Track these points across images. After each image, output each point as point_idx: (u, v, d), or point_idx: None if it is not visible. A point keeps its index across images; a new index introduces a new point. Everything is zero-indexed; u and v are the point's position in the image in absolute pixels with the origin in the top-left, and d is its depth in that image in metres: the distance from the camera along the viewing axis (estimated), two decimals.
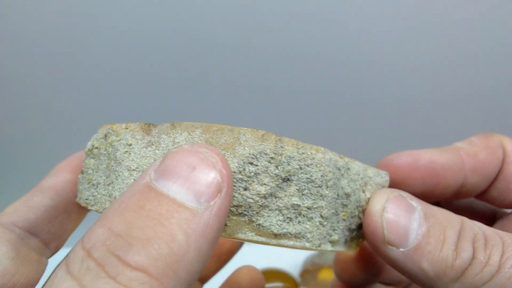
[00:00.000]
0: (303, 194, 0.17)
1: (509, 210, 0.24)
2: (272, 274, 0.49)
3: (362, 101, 0.50)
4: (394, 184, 0.22)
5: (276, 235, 0.17)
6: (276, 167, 0.17)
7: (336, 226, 0.18)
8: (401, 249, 0.18)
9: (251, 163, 0.16)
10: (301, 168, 0.17)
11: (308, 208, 0.17)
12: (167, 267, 0.12)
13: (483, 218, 0.24)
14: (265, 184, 0.16)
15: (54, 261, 0.20)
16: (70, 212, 0.21)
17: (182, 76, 0.47)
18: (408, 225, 0.18)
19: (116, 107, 0.49)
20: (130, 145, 0.17)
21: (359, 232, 0.20)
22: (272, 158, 0.17)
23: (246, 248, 0.29)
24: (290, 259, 0.51)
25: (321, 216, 0.17)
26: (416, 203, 0.19)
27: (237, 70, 0.47)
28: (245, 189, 0.16)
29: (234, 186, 0.16)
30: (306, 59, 0.46)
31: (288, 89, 0.48)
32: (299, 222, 0.17)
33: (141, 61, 0.45)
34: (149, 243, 0.12)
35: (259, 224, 0.17)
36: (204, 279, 0.28)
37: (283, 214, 0.17)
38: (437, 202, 0.25)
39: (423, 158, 0.21)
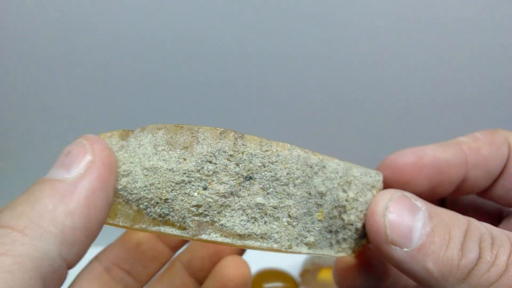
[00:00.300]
0: (268, 193, 0.16)
1: None
2: (272, 274, 0.49)
3: (363, 101, 0.49)
4: (399, 183, 0.21)
5: (241, 236, 0.16)
6: (237, 165, 0.16)
7: (311, 227, 0.18)
8: (405, 249, 0.17)
9: (210, 162, 0.16)
10: (264, 166, 0.16)
11: (274, 207, 0.17)
12: (29, 221, 0.14)
13: (489, 218, 0.24)
14: (224, 182, 0.16)
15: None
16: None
17: (184, 79, 0.46)
18: (411, 224, 0.18)
19: (118, 109, 0.48)
20: None
21: (346, 235, 0.19)
22: (231, 155, 0.16)
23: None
24: (290, 259, 0.51)
25: (289, 216, 0.17)
26: (420, 203, 0.18)
27: (237, 72, 0.46)
28: (205, 188, 0.16)
29: (193, 185, 0.16)
30: (306, 60, 0.46)
31: (289, 91, 0.48)
32: (265, 222, 0.17)
33: (142, 64, 0.45)
34: (15, 207, 0.15)
35: (222, 225, 0.16)
36: None
37: (247, 214, 0.16)
38: (442, 201, 0.25)
39: (427, 155, 0.21)
